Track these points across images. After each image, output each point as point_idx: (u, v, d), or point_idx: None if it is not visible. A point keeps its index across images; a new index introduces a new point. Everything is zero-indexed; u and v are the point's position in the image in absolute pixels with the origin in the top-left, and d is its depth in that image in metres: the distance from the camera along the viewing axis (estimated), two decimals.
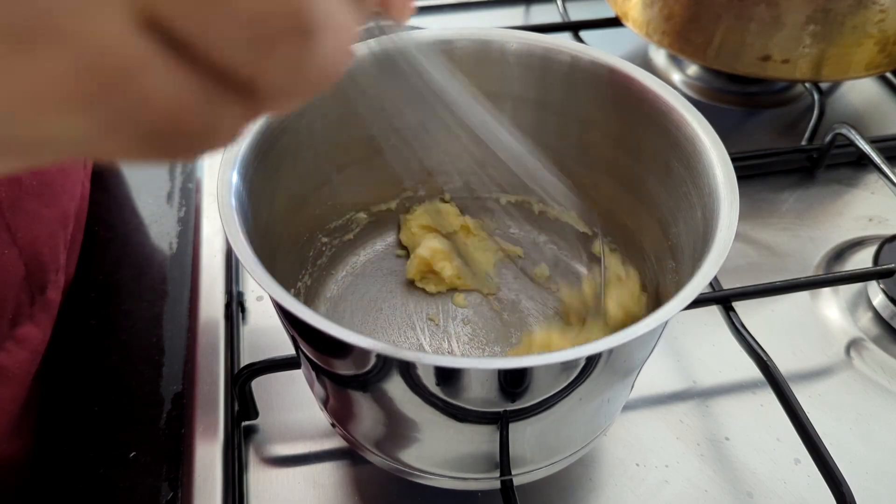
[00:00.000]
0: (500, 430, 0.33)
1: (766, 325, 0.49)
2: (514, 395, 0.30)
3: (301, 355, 0.37)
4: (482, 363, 0.29)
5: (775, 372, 0.43)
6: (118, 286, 0.52)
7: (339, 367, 0.33)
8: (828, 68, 0.60)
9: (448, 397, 0.30)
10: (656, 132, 0.39)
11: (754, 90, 0.69)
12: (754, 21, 0.58)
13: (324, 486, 0.42)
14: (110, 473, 0.42)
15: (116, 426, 0.44)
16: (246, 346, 0.48)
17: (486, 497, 0.41)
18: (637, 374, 0.38)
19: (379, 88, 0.36)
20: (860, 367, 0.48)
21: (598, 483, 0.42)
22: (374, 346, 0.28)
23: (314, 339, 0.32)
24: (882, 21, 0.57)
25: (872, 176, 0.61)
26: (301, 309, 0.29)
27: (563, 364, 0.29)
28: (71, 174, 0.46)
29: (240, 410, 0.44)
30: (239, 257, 0.31)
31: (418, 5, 0.80)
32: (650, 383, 0.46)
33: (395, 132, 0.38)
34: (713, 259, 0.31)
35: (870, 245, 0.54)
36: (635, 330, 0.28)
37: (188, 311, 0.50)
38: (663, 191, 0.40)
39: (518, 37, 0.43)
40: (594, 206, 0.45)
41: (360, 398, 0.34)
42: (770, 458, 0.43)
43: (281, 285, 0.30)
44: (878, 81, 0.71)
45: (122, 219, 0.57)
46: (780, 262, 0.54)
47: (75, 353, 0.48)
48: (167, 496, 0.41)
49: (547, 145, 0.45)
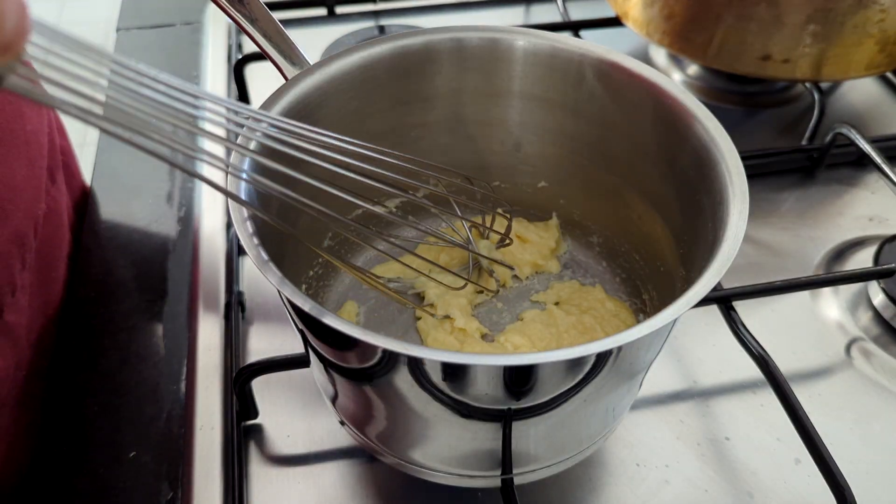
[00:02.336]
0: (504, 428, 0.33)
1: (766, 325, 0.49)
2: (518, 393, 0.30)
3: (310, 351, 0.37)
4: (488, 360, 0.28)
5: (776, 372, 0.43)
6: (118, 286, 0.52)
7: (348, 363, 0.33)
8: (828, 68, 0.60)
9: (454, 393, 0.31)
10: (673, 137, 0.39)
11: (754, 90, 0.69)
12: (754, 21, 0.58)
13: (323, 486, 0.42)
14: (110, 473, 0.42)
15: (116, 426, 0.44)
16: (246, 347, 0.48)
17: (486, 496, 0.41)
18: (642, 377, 0.38)
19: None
20: (860, 367, 0.48)
21: (598, 483, 0.42)
22: (382, 342, 0.28)
23: (324, 335, 0.32)
24: (882, 21, 0.57)
25: (872, 176, 0.61)
26: (312, 306, 0.29)
27: (569, 362, 0.29)
28: (24, 191, 0.44)
29: (240, 410, 0.44)
30: (249, 255, 0.31)
31: (420, 5, 0.80)
32: (650, 383, 0.46)
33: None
34: (719, 264, 0.31)
35: (870, 245, 0.54)
36: (639, 329, 0.28)
37: (188, 311, 0.50)
38: (676, 197, 0.40)
39: (545, 37, 0.42)
40: (612, 211, 0.46)
41: (367, 394, 0.34)
42: (770, 458, 0.43)
43: (290, 281, 0.30)
44: (878, 81, 0.71)
45: (122, 219, 0.57)
46: (780, 262, 0.54)
47: (75, 353, 0.48)
48: (167, 496, 0.41)
49: (562, 145, 0.45)
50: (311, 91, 0.39)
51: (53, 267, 0.49)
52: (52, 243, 0.49)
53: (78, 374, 0.47)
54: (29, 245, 0.44)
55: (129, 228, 0.56)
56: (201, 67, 0.71)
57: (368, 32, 0.76)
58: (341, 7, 0.79)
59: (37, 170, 0.47)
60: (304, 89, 0.39)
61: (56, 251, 0.50)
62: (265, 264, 0.31)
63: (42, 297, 0.47)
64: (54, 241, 0.50)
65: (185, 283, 0.52)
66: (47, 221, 0.48)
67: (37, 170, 0.47)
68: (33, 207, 0.46)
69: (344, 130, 0.42)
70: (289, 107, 0.38)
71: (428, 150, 0.47)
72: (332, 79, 0.40)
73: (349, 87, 0.41)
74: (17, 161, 0.44)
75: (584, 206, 0.48)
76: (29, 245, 0.44)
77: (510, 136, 0.46)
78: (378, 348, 0.29)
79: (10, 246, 0.42)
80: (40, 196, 0.47)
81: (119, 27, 0.76)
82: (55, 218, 0.50)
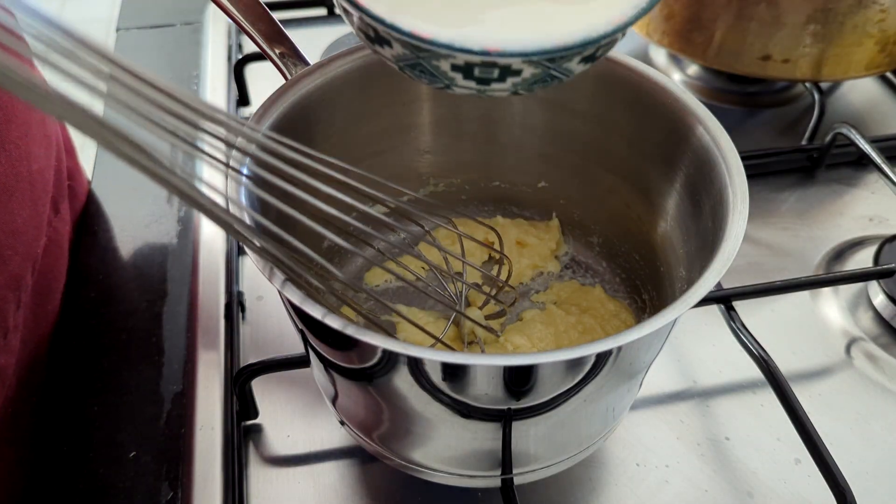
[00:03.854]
0: (504, 428, 0.33)
1: (766, 325, 0.49)
2: (518, 393, 0.30)
3: (310, 351, 0.37)
4: (488, 360, 0.28)
5: (776, 372, 0.43)
6: (118, 286, 0.52)
7: (348, 363, 0.33)
8: (828, 68, 0.60)
9: (453, 393, 0.31)
10: (673, 137, 0.39)
11: (754, 90, 0.69)
12: (754, 21, 0.58)
13: (323, 486, 0.42)
14: (110, 473, 0.42)
15: (116, 426, 0.44)
16: (246, 346, 0.48)
17: (486, 496, 0.41)
18: (642, 378, 0.38)
19: None
20: (860, 367, 0.48)
21: (598, 483, 0.42)
22: (382, 342, 0.28)
23: (324, 335, 0.32)
24: (882, 21, 0.57)
25: (872, 176, 0.61)
26: (311, 305, 0.29)
27: (569, 362, 0.29)
28: (24, 234, 0.43)
29: (240, 410, 0.44)
30: (249, 255, 0.31)
31: None
32: (650, 383, 0.46)
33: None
34: (719, 264, 0.31)
35: (870, 245, 0.54)
36: (639, 329, 0.28)
37: (188, 311, 0.50)
38: (676, 197, 0.40)
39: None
40: (612, 212, 0.45)
41: (367, 394, 0.34)
42: (770, 457, 0.43)
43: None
44: (878, 81, 0.71)
45: (122, 219, 0.57)
46: (780, 262, 0.54)
47: (75, 353, 0.48)
48: (167, 496, 0.41)
49: (562, 145, 0.45)
50: (311, 91, 0.39)
51: (49, 300, 0.48)
52: (49, 276, 0.47)
53: (78, 374, 0.47)
54: (25, 285, 0.43)
55: (129, 228, 0.56)
56: (201, 67, 0.71)
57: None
58: None
59: (40, 208, 0.45)
60: (304, 89, 0.39)
61: (53, 283, 0.48)
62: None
63: (35, 331, 0.45)
64: (53, 272, 0.48)
65: (185, 283, 0.52)
66: (47, 253, 0.47)
67: (40, 208, 0.45)
68: (33, 247, 0.44)
69: (344, 130, 0.43)
70: (289, 107, 0.38)
71: (428, 150, 0.47)
72: (332, 79, 0.40)
73: (349, 87, 0.41)
74: (19, 205, 0.42)
75: (584, 206, 0.48)
76: (25, 285, 0.43)
77: (510, 136, 0.46)
78: (378, 348, 0.29)
79: (5, 291, 0.40)
80: (41, 234, 0.46)
81: (119, 27, 0.76)
82: (55, 249, 0.49)
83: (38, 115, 0.46)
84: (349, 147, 0.43)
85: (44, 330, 0.47)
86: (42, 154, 0.47)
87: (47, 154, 0.48)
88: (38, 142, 0.46)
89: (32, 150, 0.45)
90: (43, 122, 0.48)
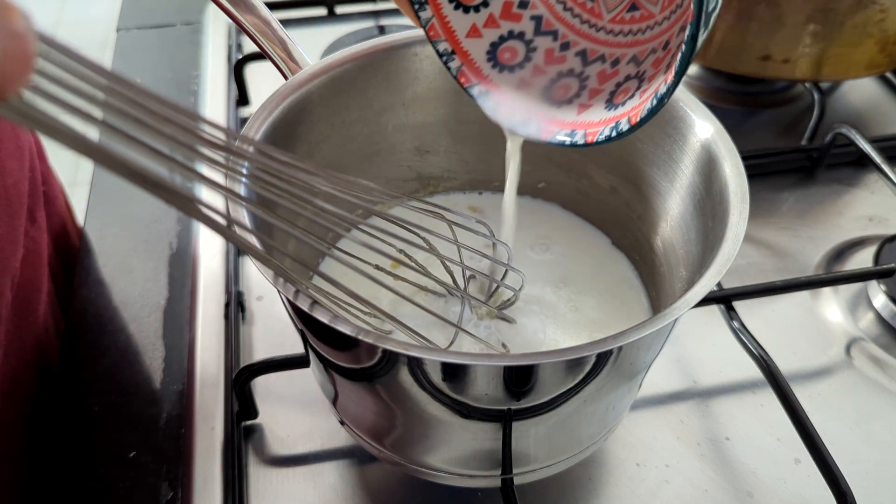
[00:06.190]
0: (504, 428, 0.33)
1: (766, 325, 0.49)
2: (518, 393, 0.30)
3: (310, 351, 0.37)
4: (488, 360, 0.29)
5: (776, 372, 0.43)
6: (118, 286, 0.52)
7: (347, 363, 0.33)
8: (828, 68, 0.60)
9: (453, 393, 0.31)
10: (674, 137, 0.39)
11: (754, 90, 0.69)
12: (754, 21, 0.58)
13: (323, 486, 0.42)
14: (110, 473, 0.42)
15: (116, 426, 0.44)
16: (246, 346, 0.48)
17: (486, 496, 0.41)
18: (642, 378, 0.38)
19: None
20: (860, 367, 0.48)
21: (598, 483, 0.42)
22: (382, 342, 0.28)
23: (324, 335, 0.32)
24: (882, 21, 0.57)
25: (872, 176, 0.61)
26: (311, 306, 0.29)
27: (569, 362, 0.29)
28: (1, 250, 0.42)
29: (240, 410, 0.44)
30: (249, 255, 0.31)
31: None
32: (650, 383, 0.46)
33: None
34: (719, 264, 0.31)
35: (870, 245, 0.54)
36: (639, 329, 0.28)
37: (188, 311, 0.50)
38: (676, 197, 0.40)
39: None
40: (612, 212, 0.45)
41: (367, 394, 0.34)
42: (770, 458, 0.43)
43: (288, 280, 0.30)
44: (878, 81, 0.71)
45: (122, 219, 0.57)
46: (780, 262, 0.54)
47: (75, 354, 0.48)
48: (167, 496, 0.41)
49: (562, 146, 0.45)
50: (311, 91, 0.39)
51: (32, 310, 0.47)
52: (28, 287, 0.46)
53: (78, 374, 0.47)
54: (5, 300, 0.42)
55: (128, 228, 0.56)
56: (201, 67, 0.71)
57: (368, 32, 0.76)
58: (341, 7, 0.79)
59: (16, 221, 0.44)
60: (304, 89, 0.39)
61: (35, 294, 0.48)
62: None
63: (18, 343, 0.44)
64: (32, 283, 0.47)
65: (185, 283, 0.52)
66: (26, 264, 0.46)
67: (16, 221, 0.44)
68: (11, 261, 0.43)
69: (344, 131, 0.43)
70: (289, 107, 0.38)
71: (428, 150, 0.47)
72: (332, 79, 0.40)
73: (349, 87, 0.41)
74: None
75: (584, 207, 0.48)
76: (5, 300, 0.42)
77: None
78: (378, 348, 0.29)
79: None
80: (18, 247, 0.45)
81: (119, 27, 0.76)
82: (34, 258, 0.48)
83: (8, 128, 0.45)
84: (349, 147, 0.43)
85: (27, 342, 0.46)
86: (16, 167, 0.46)
87: (20, 167, 0.47)
88: (10, 155, 0.45)
89: (6, 165, 0.44)
90: (15, 134, 0.47)
